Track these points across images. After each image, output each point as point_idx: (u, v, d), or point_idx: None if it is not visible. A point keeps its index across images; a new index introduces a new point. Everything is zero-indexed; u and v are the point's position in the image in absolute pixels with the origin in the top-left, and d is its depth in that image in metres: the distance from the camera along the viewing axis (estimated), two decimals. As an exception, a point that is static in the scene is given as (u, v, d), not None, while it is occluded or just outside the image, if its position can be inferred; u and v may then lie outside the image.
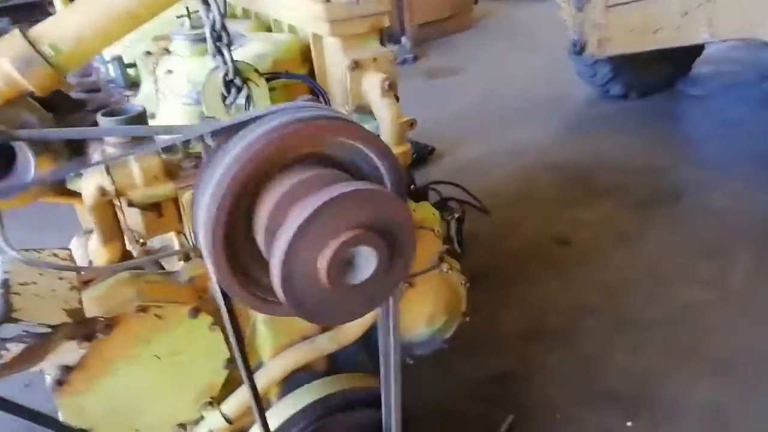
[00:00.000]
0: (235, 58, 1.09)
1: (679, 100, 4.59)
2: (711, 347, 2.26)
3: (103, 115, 0.94)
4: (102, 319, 0.92)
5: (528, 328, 2.48)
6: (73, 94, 1.84)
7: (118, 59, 1.49)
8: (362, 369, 1.32)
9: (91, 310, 0.93)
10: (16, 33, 1.12)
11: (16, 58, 1.10)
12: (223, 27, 0.91)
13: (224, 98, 0.97)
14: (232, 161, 0.70)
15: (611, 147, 3.89)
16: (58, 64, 1.15)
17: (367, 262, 0.73)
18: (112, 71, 1.53)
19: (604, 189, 3.40)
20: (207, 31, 0.91)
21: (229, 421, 1.10)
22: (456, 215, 1.43)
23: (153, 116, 1.23)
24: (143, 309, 0.94)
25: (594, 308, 2.54)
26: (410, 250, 0.77)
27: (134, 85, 1.52)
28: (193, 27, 1.15)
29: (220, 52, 0.94)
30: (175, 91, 1.10)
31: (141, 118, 0.96)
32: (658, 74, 4.51)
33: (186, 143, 0.92)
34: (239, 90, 0.98)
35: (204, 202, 0.74)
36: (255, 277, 0.78)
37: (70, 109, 1.58)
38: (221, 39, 0.92)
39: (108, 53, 1.57)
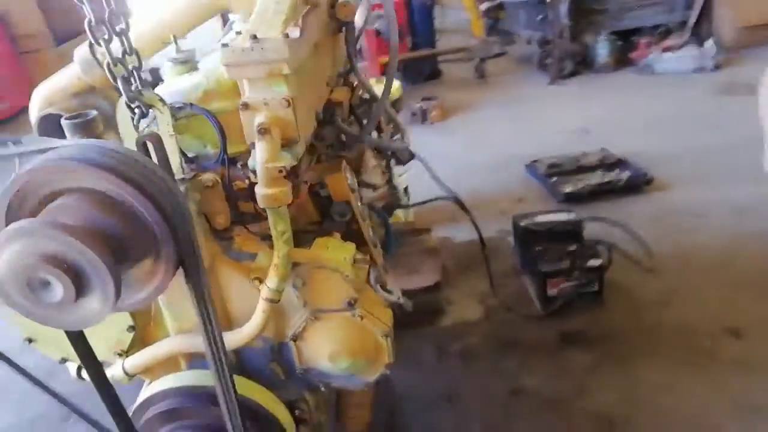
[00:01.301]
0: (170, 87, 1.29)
1: None
2: None
3: (66, 119, 1.25)
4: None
5: (612, 414, 2.09)
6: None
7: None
8: (268, 376, 1.43)
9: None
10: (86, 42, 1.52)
11: (82, 62, 1.51)
12: (119, 61, 1.11)
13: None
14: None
15: None
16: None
17: (56, 288, 0.87)
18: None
19: None
20: (105, 66, 1.12)
21: (126, 373, 1.37)
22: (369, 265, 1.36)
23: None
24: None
25: (713, 427, 1.98)
26: (107, 293, 0.88)
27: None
28: (178, 51, 1.38)
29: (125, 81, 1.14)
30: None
31: (88, 124, 1.24)
32: None
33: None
34: (143, 115, 1.17)
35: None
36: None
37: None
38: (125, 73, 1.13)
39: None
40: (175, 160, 1.21)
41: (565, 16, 5.37)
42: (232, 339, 1.31)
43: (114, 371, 1.38)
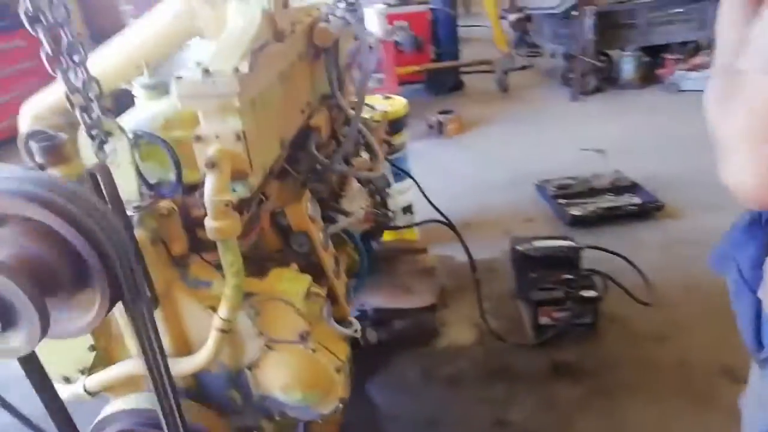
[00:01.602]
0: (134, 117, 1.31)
1: None
2: None
3: (35, 142, 1.27)
4: None
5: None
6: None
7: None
8: (226, 403, 1.43)
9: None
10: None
11: (64, 82, 1.54)
12: (77, 90, 1.13)
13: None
14: None
15: None
16: (90, 88, 1.55)
17: (-15, 320, 0.89)
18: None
19: None
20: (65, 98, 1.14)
21: (86, 390, 1.39)
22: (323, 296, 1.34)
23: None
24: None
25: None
26: (34, 326, 0.90)
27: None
28: (150, 76, 1.39)
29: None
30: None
31: (55, 148, 1.27)
32: None
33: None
34: (102, 142, 1.19)
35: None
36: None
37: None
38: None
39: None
40: (132, 188, 1.23)
41: (590, 30, 5.27)
42: (185, 366, 1.32)
43: (76, 389, 1.40)
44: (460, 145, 4.87)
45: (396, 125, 3.02)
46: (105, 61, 1.52)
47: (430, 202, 2.41)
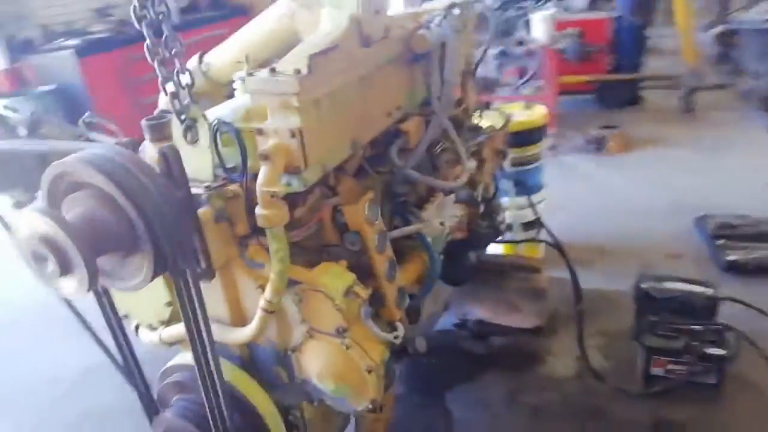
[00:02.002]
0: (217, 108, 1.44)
1: None
2: None
3: (144, 121, 1.46)
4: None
5: None
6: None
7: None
8: (273, 378, 1.53)
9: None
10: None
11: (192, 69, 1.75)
12: (171, 79, 1.28)
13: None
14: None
15: None
16: (210, 76, 1.74)
17: (48, 263, 1.07)
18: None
19: None
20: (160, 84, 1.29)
21: (161, 340, 1.58)
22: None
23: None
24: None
25: None
26: (84, 277, 1.06)
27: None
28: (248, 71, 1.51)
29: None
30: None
31: (158, 126, 1.45)
32: None
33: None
34: (189, 127, 1.33)
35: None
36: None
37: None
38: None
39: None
40: (207, 170, 1.36)
41: (810, 50, 4.48)
42: (235, 336, 1.44)
43: (153, 337, 1.60)
44: (620, 164, 4.48)
45: (532, 136, 2.90)
46: (223, 55, 1.70)
47: (540, 220, 2.28)
